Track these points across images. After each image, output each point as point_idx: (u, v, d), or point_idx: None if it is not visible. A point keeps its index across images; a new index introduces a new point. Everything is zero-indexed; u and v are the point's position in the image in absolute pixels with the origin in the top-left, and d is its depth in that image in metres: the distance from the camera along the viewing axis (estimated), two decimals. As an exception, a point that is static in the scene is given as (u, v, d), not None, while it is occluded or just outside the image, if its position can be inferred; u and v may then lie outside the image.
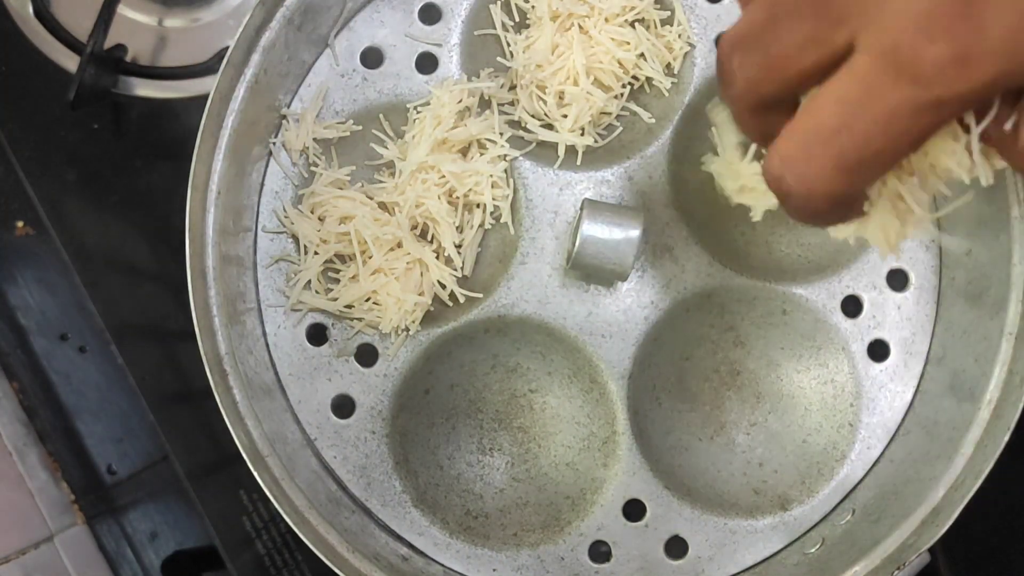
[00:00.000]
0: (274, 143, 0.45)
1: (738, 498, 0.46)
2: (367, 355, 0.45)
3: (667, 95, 0.46)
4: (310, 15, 0.44)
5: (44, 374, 0.56)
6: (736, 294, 0.46)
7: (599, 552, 0.45)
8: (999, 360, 0.43)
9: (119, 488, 0.56)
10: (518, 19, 0.47)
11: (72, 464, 0.56)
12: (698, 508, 0.45)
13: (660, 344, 0.46)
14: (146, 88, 0.55)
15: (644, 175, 0.46)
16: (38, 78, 0.55)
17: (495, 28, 0.46)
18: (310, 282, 0.44)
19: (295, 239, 0.45)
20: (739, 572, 0.45)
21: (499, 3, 0.46)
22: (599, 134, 0.46)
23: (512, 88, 0.46)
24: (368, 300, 0.44)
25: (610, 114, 0.46)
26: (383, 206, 0.45)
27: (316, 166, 0.45)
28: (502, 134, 0.45)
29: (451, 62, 0.46)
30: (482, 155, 0.45)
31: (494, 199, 0.44)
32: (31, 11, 0.55)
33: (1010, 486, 0.43)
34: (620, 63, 0.45)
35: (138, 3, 0.56)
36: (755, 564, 0.45)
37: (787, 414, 0.47)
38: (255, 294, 0.45)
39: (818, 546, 0.44)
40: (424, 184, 0.44)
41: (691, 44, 0.46)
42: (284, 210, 0.45)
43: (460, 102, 0.45)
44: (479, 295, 0.45)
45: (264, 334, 0.44)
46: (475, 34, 0.46)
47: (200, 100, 0.45)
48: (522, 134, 0.46)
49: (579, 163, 0.46)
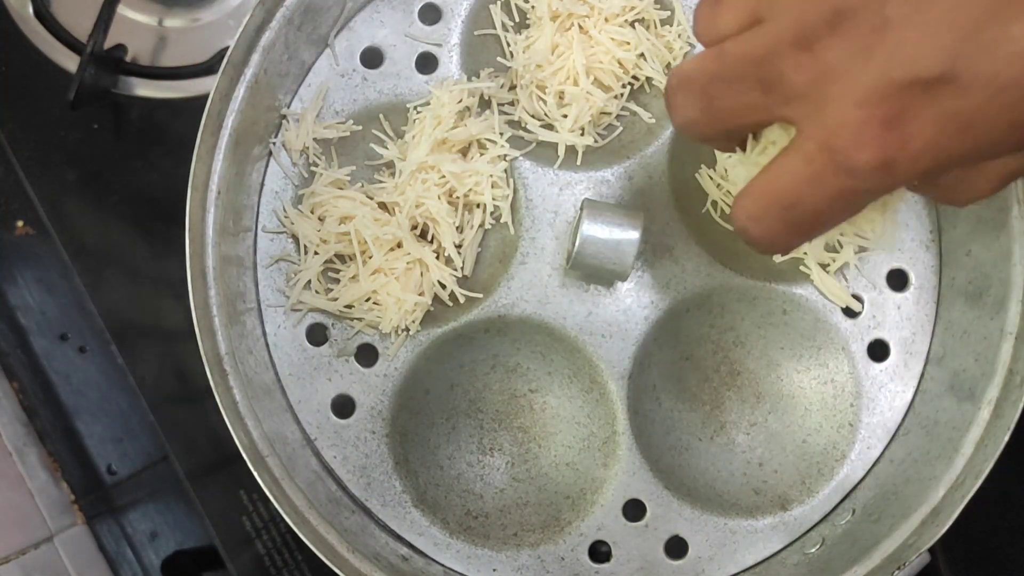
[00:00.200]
0: (274, 143, 0.45)
1: (738, 498, 0.46)
2: (367, 355, 0.45)
3: (667, 95, 0.46)
4: (310, 15, 0.44)
5: (44, 374, 0.56)
6: (736, 294, 0.46)
7: (599, 552, 0.45)
8: (999, 360, 0.42)
9: (119, 488, 0.56)
10: (518, 19, 0.47)
11: (72, 464, 0.56)
12: (698, 508, 0.45)
13: (660, 344, 0.46)
14: (146, 88, 0.55)
15: (644, 175, 0.46)
16: (38, 78, 0.55)
17: (495, 28, 0.46)
18: (310, 282, 0.44)
19: (295, 239, 0.45)
20: (739, 572, 0.45)
21: (499, 3, 0.46)
22: (599, 134, 0.46)
23: (512, 88, 0.46)
24: (368, 300, 0.44)
25: (610, 114, 0.46)
26: (383, 206, 0.45)
27: (316, 166, 0.45)
28: (502, 134, 0.45)
29: (451, 62, 0.46)
30: (482, 155, 0.45)
31: (494, 199, 0.44)
32: (31, 11, 0.56)
33: (1010, 486, 0.43)
34: (620, 63, 0.45)
35: (138, 3, 0.56)
36: (755, 564, 0.45)
37: (787, 414, 0.47)
38: (255, 294, 0.45)
39: (818, 546, 0.44)
40: (424, 184, 0.44)
41: (691, 44, 0.46)
42: (284, 210, 0.45)
43: (460, 102, 0.45)
44: (479, 295, 0.45)
45: (264, 334, 0.45)
46: (475, 34, 0.46)
47: (200, 100, 0.45)
48: (522, 134, 0.46)
49: (579, 163, 0.46)
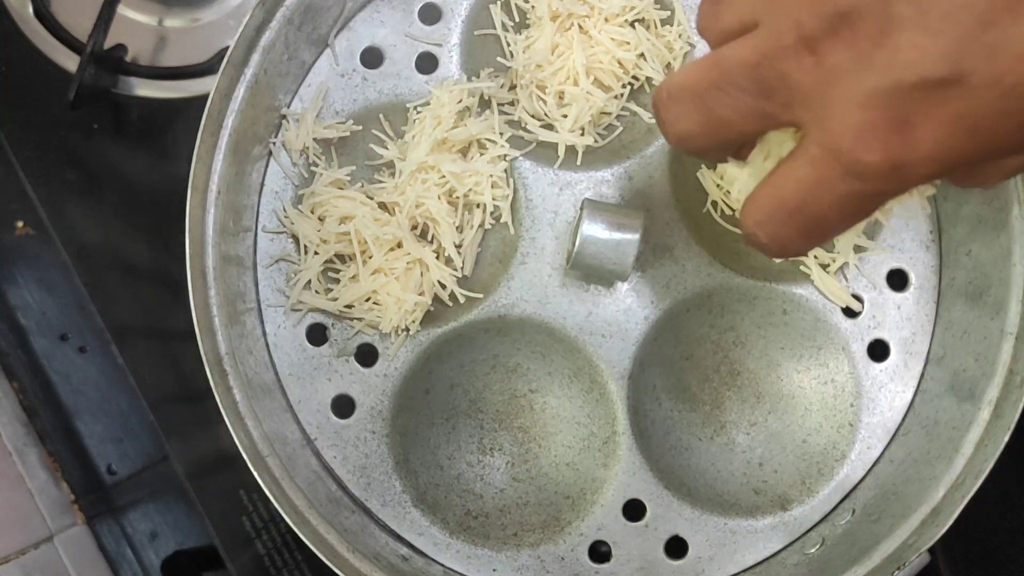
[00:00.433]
0: (274, 143, 0.45)
1: (738, 498, 0.46)
2: (367, 355, 0.45)
3: (667, 95, 0.46)
4: (310, 15, 0.44)
5: (44, 374, 0.56)
6: (736, 294, 0.46)
7: (599, 552, 0.45)
8: (999, 360, 0.43)
9: (119, 488, 0.56)
10: (518, 19, 0.47)
11: (72, 464, 0.56)
12: (698, 508, 0.45)
13: (660, 344, 0.46)
14: (146, 88, 0.55)
15: (644, 175, 0.46)
16: (38, 78, 0.55)
17: (495, 28, 0.46)
18: (310, 282, 0.44)
19: (295, 239, 0.45)
20: (739, 572, 0.45)
21: (499, 3, 0.46)
22: (599, 134, 0.46)
23: (512, 88, 0.46)
24: (368, 300, 0.44)
25: (610, 114, 0.46)
26: (383, 206, 0.45)
27: (316, 166, 0.45)
28: (502, 134, 0.45)
29: (451, 62, 0.46)
30: (482, 155, 0.45)
31: (494, 199, 0.44)
32: (31, 11, 0.55)
33: (1010, 486, 0.43)
34: (620, 63, 0.45)
35: (138, 3, 0.56)
36: (755, 564, 0.45)
37: (787, 414, 0.47)
38: (255, 294, 0.45)
39: (818, 546, 0.44)
40: (424, 184, 0.44)
41: (691, 44, 0.46)
42: (284, 210, 0.45)
43: (460, 102, 0.45)
44: (479, 295, 0.45)
45: (264, 334, 0.45)
46: (475, 34, 0.46)
47: (200, 100, 0.45)
48: (522, 134, 0.46)
49: (579, 163, 0.46)
